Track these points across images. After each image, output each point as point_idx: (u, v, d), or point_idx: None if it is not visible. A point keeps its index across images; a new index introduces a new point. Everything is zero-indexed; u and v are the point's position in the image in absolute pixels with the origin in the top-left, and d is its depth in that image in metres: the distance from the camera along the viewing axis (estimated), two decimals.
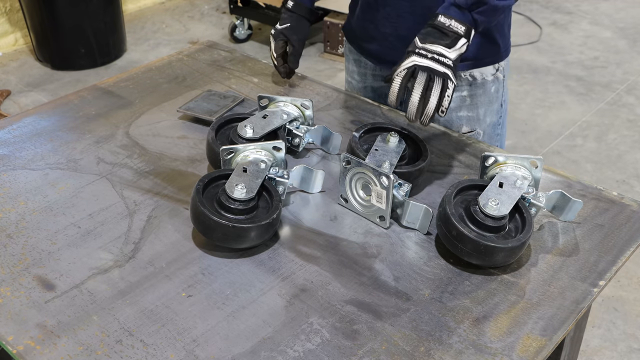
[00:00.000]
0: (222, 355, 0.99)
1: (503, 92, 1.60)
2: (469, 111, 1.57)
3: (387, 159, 1.26)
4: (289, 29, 1.61)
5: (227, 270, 1.14)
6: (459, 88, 1.53)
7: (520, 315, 1.07)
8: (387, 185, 1.19)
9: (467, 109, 1.57)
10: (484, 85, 1.54)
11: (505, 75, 1.59)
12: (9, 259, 1.15)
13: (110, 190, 1.32)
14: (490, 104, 1.57)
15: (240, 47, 4.14)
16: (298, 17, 1.62)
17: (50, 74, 3.82)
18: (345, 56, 1.77)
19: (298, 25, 1.62)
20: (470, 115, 1.57)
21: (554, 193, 1.24)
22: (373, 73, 1.68)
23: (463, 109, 1.57)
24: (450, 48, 1.22)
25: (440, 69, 1.21)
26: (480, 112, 1.57)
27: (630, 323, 2.29)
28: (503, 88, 1.59)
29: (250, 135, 1.33)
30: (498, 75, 1.55)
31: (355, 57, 1.70)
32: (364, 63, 1.68)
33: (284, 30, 1.61)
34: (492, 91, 1.56)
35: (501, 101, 1.60)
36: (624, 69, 4.02)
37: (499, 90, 1.58)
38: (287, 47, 1.62)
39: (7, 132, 1.51)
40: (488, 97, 1.56)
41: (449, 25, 1.22)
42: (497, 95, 1.58)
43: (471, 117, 1.57)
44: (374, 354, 1.00)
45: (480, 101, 1.56)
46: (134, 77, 1.75)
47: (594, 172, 3.08)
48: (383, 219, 1.23)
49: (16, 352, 0.99)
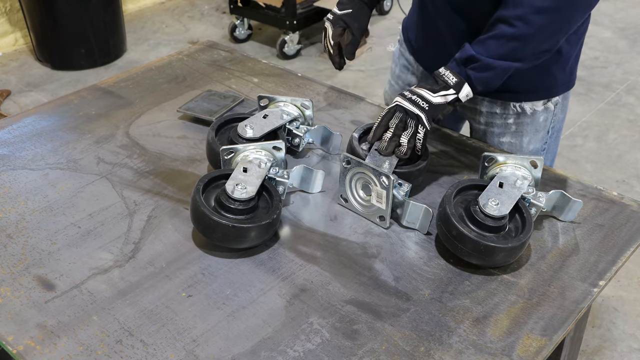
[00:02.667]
0: (222, 355, 0.99)
1: (552, 119, 1.51)
2: (513, 138, 1.51)
3: (387, 159, 1.26)
4: (350, 15, 1.49)
5: (227, 270, 1.14)
6: (505, 117, 1.49)
7: (520, 315, 1.07)
8: (387, 185, 1.19)
9: (511, 136, 1.51)
10: (532, 116, 1.48)
11: (560, 105, 1.50)
12: (9, 259, 1.15)
13: (110, 190, 1.32)
14: (536, 132, 1.51)
15: (240, 47, 4.14)
16: (360, 3, 1.50)
17: (50, 74, 3.82)
18: (394, 58, 1.70)
19: (360, 12, 1.50)
20: (512, 142, 1.52)
21: (554, 193, 1.24)
22: (419, 83, 1.61)
23: (507, 135, 1.51)
24: (435, 93, 1.26)
25: (415, 110, 1.25)
26: (524, 141, 1.51)
27: (630, 323, 2.29)
28: (554, 116, 1.50)
29: (250, 135, 1.33)
30: (549, 105, 1.48)
31: (403, 62, 1.64)
32: (412, 71, 1.62)
33: (344, 17, 1.49)
34: (540, 120, 1.49)
35: (549, 128, 1.52)
36: (624, 69, 4.02)
37: (548, 119, 1.50)
38: (344, 35, 1.50)
39: (7, 132, 1.51)
40: (535, 126, 1.50)
41: (443, 74, 1.27)
42: (545, 124, 1.50)
43: (513, 144, 1.52)
44: (374, 354, 1.00)
45: (526, 130, 1.50)
46: (134, 77, 1.75)
47: (594, 172, 3.08)
48: (383, 219, 1.23)
49: (16, 352, 0.99)
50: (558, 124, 1.53)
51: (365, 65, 3.86)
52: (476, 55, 1.24)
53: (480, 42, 1.26)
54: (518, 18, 1.21)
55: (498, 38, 1.24)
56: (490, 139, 1.52)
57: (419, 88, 1.28)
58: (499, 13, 1.24)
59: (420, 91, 1.27)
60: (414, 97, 1.26)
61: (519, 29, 1.22)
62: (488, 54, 1.24)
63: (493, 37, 1.25)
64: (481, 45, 1.25)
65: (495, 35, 1.24)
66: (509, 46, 1.24)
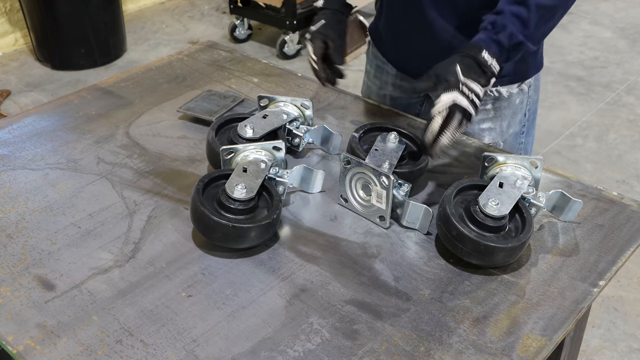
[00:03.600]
0: (222, 355, 0.99)
1: (528, 101, 1.54)
2: (492, 123, 1.53)
3: (387, 159, 1.26)
4: (325, 26, 1.48)
5: (227, 270, 1.14)
6: (483, 102, 1.49)
7: (520, 315, 1.07)
8: (387, 185, 1.19)
9: (491, 122, 1.53)
10: (509, 99, 1.51)
11: (532, 86, 1.54)
12: (9, 259, 1.15)
13: (110, 190, 1.32)
14: (514, 115, 1.53)
15: (240, 47, 4.14)
16: (332, 11, 1.51)
17: (50, 74, 3.82)
18: (368, 59, 1.71)
19: (332, 19, 1.50)
20: (492, 127, 1.53)
21: (554, 193, 1.24)
22: (394, 82, 1.64)
23: (486, 122, 1.53)
24: (484, 87, 1.22)
25: (473, 111, 1.21)
26: (503, 125, 1.53)
27: (630, 323, 2.29)
28: (528, 98, 1.53)
29: (250, 135, 1.33)
30: (523, 87, 1.51)
31: (379, 63, 1.66)
32: (387, 71, 1.64)
33: (320, 29, 1.48)
34: (516, 103, 1.52)
35: (525, 111, 1.55)
36: (624, 69, 4.02)
37: (524, 100, 1.53)
38: (327, 47, 1.47)
39: (7, 132, 1.51)
40: (512, 109, 1.52)
41: (490, 64, 1.21)
42: (521, 106, 1.54)
43: (493, 129, 1.54)
44: (374, 354, 1.00)
45: (504, 114, 1.52)
46: (134, 77, 1.75)
47: (594, 172, 3.08)
48: (383, 219, 1.23)
49: (16, 352, 0.99)
50: (533, 105, 1.57)
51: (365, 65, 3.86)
52: (525, 42, 1.23)
53: (522, 22, 1.22)
54: None
55: (542, 15, 1.22)
56: (471, 127, 1.53)
57: (473, 82, 1.21)
58: None
59: (475, 87, 1.21)
60: (473, 96, 1.20)
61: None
62: (535, 40, 1.24)
63: (536, 15, 1.22)
64: (524, 26, 1.22)
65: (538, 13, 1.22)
66: (549, 25, 1.24)
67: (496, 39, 1.22)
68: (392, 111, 1.60)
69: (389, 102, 1.67)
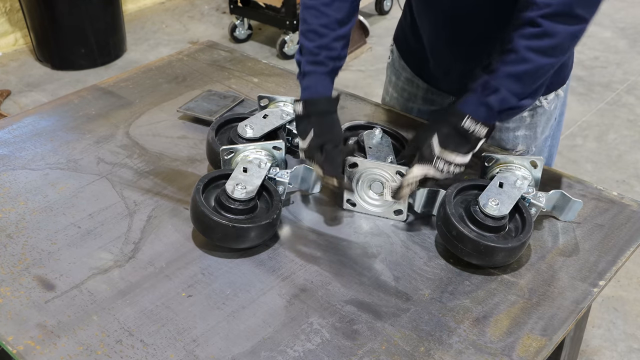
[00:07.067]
0: (222, 355, 0.99)
1: (561, 106, 1.51)
2: (527, 130, 1.48)
3: (385, 154, 1.27)
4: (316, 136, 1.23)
5: (227, 270, 1.14)
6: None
7: (520, 315, 1.07)
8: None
9: (526, 129, 1.48)
10: (546, 107, 1.46)
11: (566, 89, 1.48)
12: (9, 259, 1.15)
13: (110, 190, 1.32)
14: (548, 121, 1.49)
15: (240, 47, 4.14)
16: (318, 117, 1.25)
17: (50, 74, 3.82)
18: (394, 69, 1.60)
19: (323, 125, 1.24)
20: (527, 134, 1.49)
21: (554, 193, 1.24)
22: (424, 96, 1.56)
23: (521, 129, 1.47)
24: (468, 153, 1.17)
25: (448, 177, 1.18)
26: (538, 131, 1.49)
27: (630, 323, 2.29)
28: (561, 102, 1.50)
29: (250, 135, 1.33)
30: (559, 92, 1.46)
31: (408, 75, 1.57)
32: (416, 84, 1.56)
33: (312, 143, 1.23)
34: (552, 109, 1.47)
35: (556, 115, 1.50)
36: (624, 69, 4.02)
37: (558, 106, 1.49)
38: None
39: (7, 132, 1.51)
40: (547, 115, 1.48)
41: (473, 131, 1.14)
42: (555, 112, 1.49)
43: (528, 136, 1.49)
44: (374, 354, 1.00)
45: (540, 120, 1.47)
46: (134, 77, 1.75)
47: (594, 172, 3.07)
48: (400, 212, 1.24)
49: (16, 352, 0.99)
50: (562, 107, 1.53)
51: (365, 65, 3.86)
52: (521, 106, 1.17)
53: (519, 81, 1.13)
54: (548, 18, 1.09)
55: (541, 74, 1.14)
56: (505, 134, 1.49)
57: (452, 153, 1.15)
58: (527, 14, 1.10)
59: (454, 158, 1.16)
60: (450, 166, 1.16)
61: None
62: (534, 96, 1.19)
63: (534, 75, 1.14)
64: (521, 86, 1.13)
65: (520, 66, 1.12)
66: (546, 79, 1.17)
67: (485, 102, 1.13)
68: (391, 111, 1.59)
69: (416, 113, 1.60)
